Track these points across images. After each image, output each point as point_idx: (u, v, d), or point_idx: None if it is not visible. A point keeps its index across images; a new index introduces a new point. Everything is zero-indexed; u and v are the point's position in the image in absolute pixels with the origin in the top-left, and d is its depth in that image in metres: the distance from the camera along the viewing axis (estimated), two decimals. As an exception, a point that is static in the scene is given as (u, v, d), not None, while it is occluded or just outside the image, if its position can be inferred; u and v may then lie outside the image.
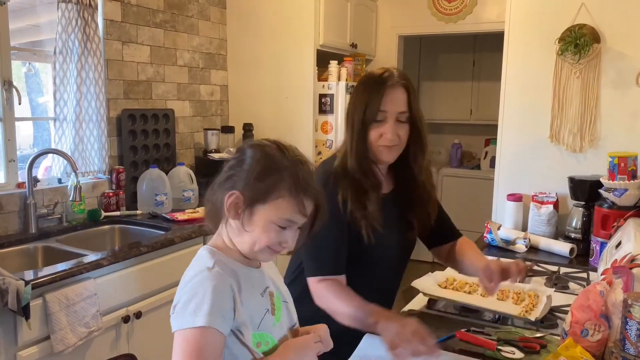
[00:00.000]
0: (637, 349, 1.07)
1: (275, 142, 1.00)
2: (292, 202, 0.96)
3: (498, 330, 1.46)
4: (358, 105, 1.42)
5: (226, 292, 0.90)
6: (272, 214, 0.95)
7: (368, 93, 1.41)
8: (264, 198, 0.95)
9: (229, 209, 0.95)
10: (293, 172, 0.97)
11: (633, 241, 1.59)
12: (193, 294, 0.89)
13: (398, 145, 1.43)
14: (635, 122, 2.30)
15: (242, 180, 0.96)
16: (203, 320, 0.86)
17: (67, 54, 2.55)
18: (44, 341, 1.84)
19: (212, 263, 0.93)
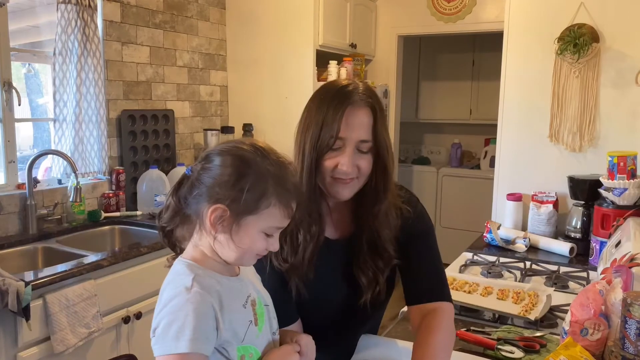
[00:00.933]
0: (637, 347, 1.07)
1: (254, 146, 0.94)
2: (281, 209, 0.92)
3: (498, 330, 1.46)
4: (311, 126, 1.13)
5: (208, 313, 0.86)
6: (262, 223, 0.91)
7: (324, 112, 1.12)
8: (254, 209, 0.90)
9: (213, 223, 0.89)
10: (280, 178, 0.92)
11: (633, 240, 1.59)
12: (173, 318, 0.84)
13: (357, 178, 1.15)
14: (635, 122, 2.30)
15: (227, 193, 0.89)
16: (186, 346, 0.82)
17: (66, 54, 2.55)
18: (45, 342, 1.84)
19: (191, 282, 0.87)
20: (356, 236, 1.23)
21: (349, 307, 1.26)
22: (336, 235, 1.26)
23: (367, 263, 1.22)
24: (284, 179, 0.92)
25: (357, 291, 1.23)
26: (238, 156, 0.91)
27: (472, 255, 2.19)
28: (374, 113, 1.14)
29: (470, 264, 2.09)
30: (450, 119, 5.31)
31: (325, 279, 1.21)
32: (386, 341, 1.37)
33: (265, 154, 0.93)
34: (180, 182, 0.94)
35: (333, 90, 1.16)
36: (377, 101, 1.16)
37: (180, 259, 0.94)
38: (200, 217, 0.91)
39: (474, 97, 5.14)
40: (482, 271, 1.99)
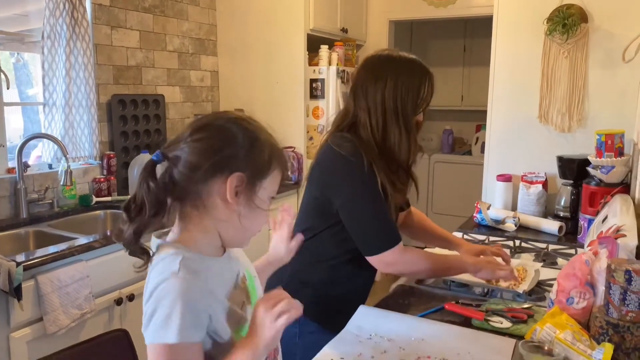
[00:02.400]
0: (620, 312, 1.09)
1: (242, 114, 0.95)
2: (281, 171, 0.93)
3: (486, 303, 1.48)
4: (410, 91, 1.39)
5: (197, 299, 0.82)
6: (271, 187, 0.92)
7: (418, 78, 1.41)
8: (264, 172, 0.90)
9: (233, 194, 0.86)
10: (272, 142, 0.94)
11: (619, 215, 1.61)
12: (161, 305, 0.80)
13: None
14: (623, 101, 2.32)
15: (239, 159, 0.87)
16: (174, 335, 0.79)
17: (55, 38, 2.53)
18: (37, 323, 1.85)
19: (178, 266, 0.82)
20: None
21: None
22: None
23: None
24: (277, 143, 0.95)
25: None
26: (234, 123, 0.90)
27: (462, 234, 2.21)
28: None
29: (461, 243, 2.11)
30: (442, 106, 5.30)
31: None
32: (381, 312, 1.41)
33: (257, 122, 0.94)
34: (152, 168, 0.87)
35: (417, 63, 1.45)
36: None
37: (167, 241, 0.89)
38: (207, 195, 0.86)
39: (465, 84, 5.15)
40: (472, 249, 2.01)
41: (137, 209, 0.86)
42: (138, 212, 0.86)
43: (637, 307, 1.08)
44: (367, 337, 1.27)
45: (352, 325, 1.32)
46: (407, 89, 1.38)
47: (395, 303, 1.50)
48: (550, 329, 1.18)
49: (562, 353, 1.13)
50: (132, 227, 0.86)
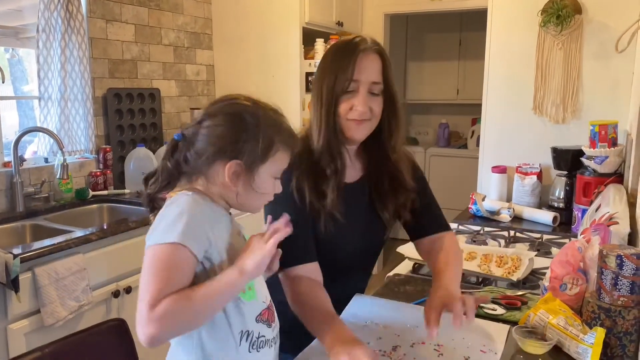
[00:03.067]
0: (612, 297, 1.11)
1: (250, 99, 1.00)
2: (287, 153, 1.00)
3: (481, 290, 1.49)
4: (327, 74, 1.23)
5: (202, 217, 0.90)
6: (273, 169, 0.98)
7: (338, 60, 1.23)
8: (264, 156, 0.96)
9: (232, 179, 0.94)
10: (280, 124, 0.99)
11: (612, 204, 1.63)
12: (168, 215, 0.88)
13: (370, 120, 1.24)
14: (617, 92, 2.33)
15: (238, 148, 0.94)
16: (174, 237, 0.84)
17: (50, 32, 2.53)
18: (35, 315, 1.85)
19: (190, 193, 0.93)
20: (372, 177, 1.35)
21: (364, 247, 1.39)
22: (351, 179, 1.34)
23: (389, 199, 1.34)
24: (283, 125, 0.99)
25: (372, 232, 1.38)
26: (240, 111, 0.96)
27: (458, 225, 2.23)
28: (382, 58, 1.25)
29: (456, 233, 2.12)
30: (438, 100, 5.32)
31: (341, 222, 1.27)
32: (376, 300, 1.42)
33: (261, 104, 0.99)
34: (174, 147, 0.97)
35: (344, 42, 1.27)
36: (384, 50, 1.27)
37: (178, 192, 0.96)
38: (212, 175, 0.95)
39: (460, 77, 5.16)
40: (467, 240, 2.03)
41: (154, 180, 0.99)
42: (154, 182, 0.99)
43: (629, 292, 1.10)
44: (363, 324, 1.28)
45: (348, 314, 1.33)
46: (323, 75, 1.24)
47: (390, 292, 1.52)
48: (544, 314, 1.20)
49: (554, 338, 1.15)
50: (146, 192, 1.00)
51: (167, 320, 0.82)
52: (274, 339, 1.03)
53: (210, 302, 0.87)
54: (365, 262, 1.45)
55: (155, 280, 0.84)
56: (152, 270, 0.85)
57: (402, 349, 1.17)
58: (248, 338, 0.97)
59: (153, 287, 0.83)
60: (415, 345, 1.18)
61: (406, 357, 1.13)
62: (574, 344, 1.11)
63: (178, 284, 0.84)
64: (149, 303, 0.82)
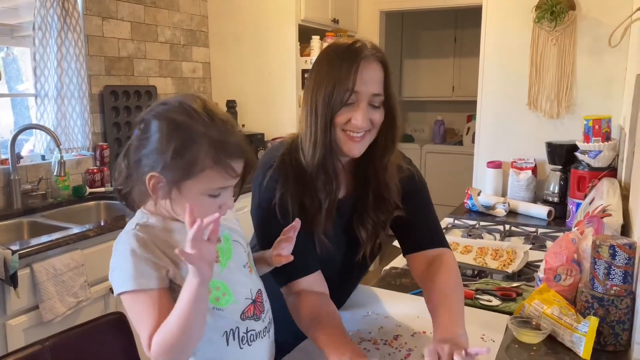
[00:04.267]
0: (605, 286, 1.13)
1: (182, 104, 0.90)
2: (219, 170, 0.88)
3: (476, 282, 1.51)
4: (324, 83, 1.09)
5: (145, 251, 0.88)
6: (202, 186, 0.89)
7: (337, 68, 1.09)
8: (189, 174, 0.87)
9: (153, 190, 0.89)
10: (211, 137, 0.88)
11: (605, 197, 1.65)
12: (117, 260, 0.90)
13: (369, 132, 1.13)
14: (610, 87, 2.35)
15: (158, 160, 0.87)
16: (130, 284, 0.87)
17: (46, 29, 2.53)
18: (33, 310, 1.86)
19: (134, 226, 0.91)
20: (360, 193, 1.22)
21: (348, 263, 1.28)
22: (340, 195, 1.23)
23: (369, 217, 1.22)
24: (220, 139, 0.88)
25: (356, 248, 1.25)
26: (167, 121, 0.88)
27: (453, 219, 2.25)
28: (385, 67, 1.13)
29: (452, 228, 2.14)
30: (433, 97, 5.34)
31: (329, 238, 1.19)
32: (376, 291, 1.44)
33: (196, 115, 0.89)
34: (129, 145, 0.93)
35: (343, 47, 1.13)
36: (386, 57, 1.15)
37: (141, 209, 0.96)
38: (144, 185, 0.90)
39: (456, 74, 5.18)
40: (463, 234, 2.05)
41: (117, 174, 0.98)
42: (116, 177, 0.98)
43: (621, 281, 1.11)
44: (364, 315, 1.30)
45: (349, 305, 1.35)
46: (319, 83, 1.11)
47: (386, 285, 1.53)
48: (538, 304, 1.22)
49: (549, 327, 1.17)
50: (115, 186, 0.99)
51: (163, 354, 0.86)
52: (265, 329, 1.02)
53: (186, 319, 0.84)
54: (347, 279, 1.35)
55: (141, 327, 0.88)
56: (133, 318, 0.90)
57: (403, 338, 1.18)
58: (235, 336, 0.96)
59: (142, 333, 0.88)
60: (416, 334, 1.20)
61: (407, 345, 1.15)
62: (568, 333, 1.13)
63: (160, 319, 0.86)
64: (146, 346, 0.88)
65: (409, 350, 1.13)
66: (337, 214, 1.20)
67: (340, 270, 1.28)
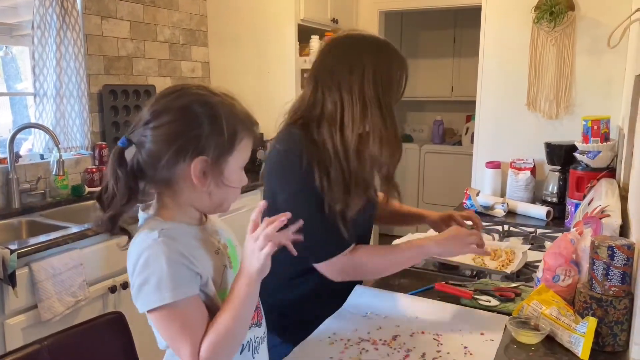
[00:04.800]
0: (603, 287, 1.13)
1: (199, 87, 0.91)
2: (251, 137, 0.92)
3: (475, 283, 1.51)
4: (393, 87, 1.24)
5: (179, 259, 0.85)
6: (240, 158, 0.91)
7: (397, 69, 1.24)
8: (230, 148, 0.89)
9: (199, 177, 0.87)
10: (240, 111, 0.91)
11: (604, 197, 1.65)
12: (149, 273, 0.83)
13: None
14: (609, 88, 2.36)
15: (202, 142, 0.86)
16: (170, 296, 0.82)
17: (45, 28, 2.53)
18: (32, 310, 1.86)
19: (157, 234, 0.85)
20: None
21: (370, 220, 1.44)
22: None
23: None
24: (241, 110, 0.92)
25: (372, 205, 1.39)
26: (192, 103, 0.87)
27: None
28: None
29: (450, 228, 2.14)
30: (432, 97, 5.34)
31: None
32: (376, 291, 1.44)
33: (213, 90, 0.91)
34: (121, 155, 0.88)
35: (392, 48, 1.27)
36: None
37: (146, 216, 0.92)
38: (176, 180, 0.88)
39: (455, 74, 5.18)
40: (462, 234, 2.04)
41: (110, 197, 0.88)
42: (111, 201, 0.88)
43: (620, 282, 1.12)
44: (363, 315, 1.30)
45: (349, 304, 1.35)
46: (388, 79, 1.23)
47: (385, 285, 1.53)
48: (537, 305, 1.22)
49: (547, 328, 1.17)
50: (107, 215, 0.89)
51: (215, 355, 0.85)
52: (265, 334, 1.04)
53: (238, 321, 0.86)
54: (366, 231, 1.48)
55: (183, 341, 0.84)
56: (172, 335, 0.85)
57: (402, 338, 1.19)
58: (250, 347, 0.97)
59: (185, 348, 0.84)
60: (415, 334, 1.21)
61: (406, 346, 1.15)
62: (566, 334, 1.13)
63: (202, 327, 0.85)
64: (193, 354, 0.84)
65: (408, 350, 1.14)
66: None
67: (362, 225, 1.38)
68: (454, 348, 1.14)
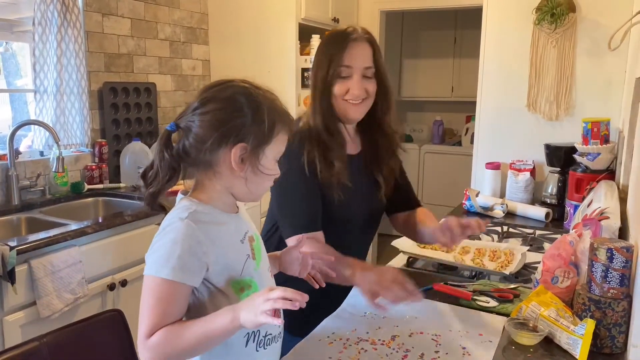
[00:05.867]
0: (602, 289, 1.13)
1: (244, 81, 0.99)
2: (286, 132, 0.98)
3: (474, 284, 1.51)
4: (321, 62, 1.36)
5: (194, 246, 0.89)
6: (276, 150, 0.98)
7: (331, 49, 1.36)
8: (268, 138, 0.95)
9: (238, 163, 0.93)
10: (279, 106, 0.98)
11: (603, 199, 1.65)
12: (163, 243, 0.89)
13: (366, 99, 1.38)
14: (609, 90, 2.36)
15: (244, 129, 0.92)
16: (168, 272, 0.87)
17: (46, 25, 2.52)
18: (31, 307, 1.86)
19: (187, 214, 0.91)
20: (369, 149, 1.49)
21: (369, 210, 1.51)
22: (353, 152, 1.48)
23: (383, 163, 1.49)
24: (281, 106, 0.99)
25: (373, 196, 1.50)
26: (238, 94, 0.94)
27: (452, 220, 2.25)
28: (373, 45, 1.39)
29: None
30: (432, 97, 5.35)
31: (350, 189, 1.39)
32: None
33: (257, 86, 0.98)
34: (168, 139, 0.95)
35: (337, 32, 1.41)
36: (374, 38, 1.41)
37: (186, 196, 0.98)
38: (217, 163, 0.94)
39: (455, 75, 5.18)
40: (461, 234, 2.05)
41: (153, 175, 0.96)
42: (154, 178, 0.96)
43: (618, 284, 1.12)
44: (362, 315, 1.30)
45: (347, 304, 1.36)
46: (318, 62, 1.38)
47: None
48: (535, 306, 1.22)
49: (546, 329, 1.17)
50: (149, 191, 0.97)
51: (158, 351, 0.88)
52: (280, 334, 1.04)
53: (199, 343, 0.88)
54: (370, 226, 1.57)
55: (151, 313, 0.88)
56: (148, 302, 0.89)
57: (400, 339, 1.19)
58: (255, 338, 0.98)
59: (148, 320, 0.88)
60: (414, 335, 1.21)
61: (404, 346, 1.16)
62: (564, 335, 1.13)
63: (173, 316, 0.89)
64: (144, 333, 0.88)
65: (407, 350, 1.14)
66: (357, 167, 1.46)
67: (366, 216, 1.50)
68: (453, 348, 1.15)
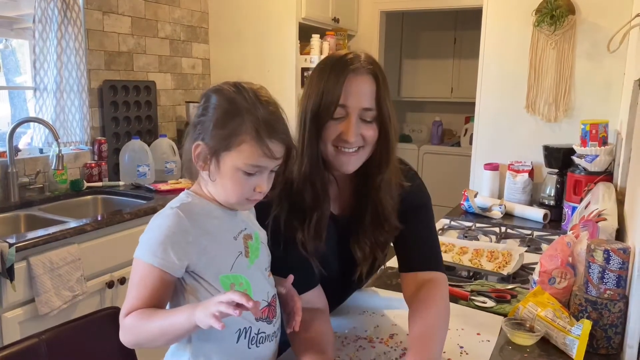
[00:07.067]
0: (598, 290, 1.14)
1: (235, 84, 0.97)
2: (255, 146, 0.91)
3: (472, 284, 1.52)
4: (312, 96, 1.09)
5: (178, 233, 0.90)
6: (238, 160, 0.91)
7: (325, 80, 1.07)
8: (227, 145, 0.91)
9: (196, 160, 0.94)
10: (253, 114, 0.92)
11: (601, 201, 1.66)
12: (149, 228, 0.93)
13: (363, 148, 1.10)
14: (608, 92, 2.37)
15: (206, 129, 0.93)
16: (151, 258, 0.89)
17: (46, 22, 2.53)
18: (29, 304, 1.86)
19: (178, 204, 0.94)
20: (359, 211, 1.19)
21: (344, 281, 1.27)
22: (337, 211, 1.21)
23: (367, 237, 1.19)
24: (262, 118, 0.92)
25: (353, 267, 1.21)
26: (217, 93, 0.95)
27: (450, 220, 2.26)
28: (377, 80, 1.09)
29: (448, 229, 2.15)
30: (432, 97, 5.35)
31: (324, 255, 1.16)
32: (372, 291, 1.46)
33: (245, 92, 0.94)
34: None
35: (334, 59, 1.11)
36: (380, 69, 1.11)
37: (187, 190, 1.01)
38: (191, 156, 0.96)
39: (455, 75, 5.19)
40: (459, 235, 2.06)
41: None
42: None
43: (615, 285, 1.13)
44: (360, 313, 1.31)
45: (346, 303, 1.36)
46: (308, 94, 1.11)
47: (382, 284, 1.54)
48: (532, 307, 1.23)
49: (542, 329, 1.18)
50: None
51: (130, 332, 0.90)
52: (274, 333, 1.03)
53: (160, 334, 0.89)
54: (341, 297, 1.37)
55: (131, 294, 0.91)
56: (132, 282, 0.92)
57: (398, 337, 1.20)
58: (247, 335, 0.97)
59: (129, 299, 0.91)
60: (411, 333, 1.21)
61: (402, 344, 1.16)
62: (561, 336, 1.14)
63: (150, 301, 0.90)
64: (123, 312, 0.91)
65: (404, 349, 1.14)
66: (334, 231, 1.18)
67: (335, 287, 1.25)
68: (450, 348, 1.15)
